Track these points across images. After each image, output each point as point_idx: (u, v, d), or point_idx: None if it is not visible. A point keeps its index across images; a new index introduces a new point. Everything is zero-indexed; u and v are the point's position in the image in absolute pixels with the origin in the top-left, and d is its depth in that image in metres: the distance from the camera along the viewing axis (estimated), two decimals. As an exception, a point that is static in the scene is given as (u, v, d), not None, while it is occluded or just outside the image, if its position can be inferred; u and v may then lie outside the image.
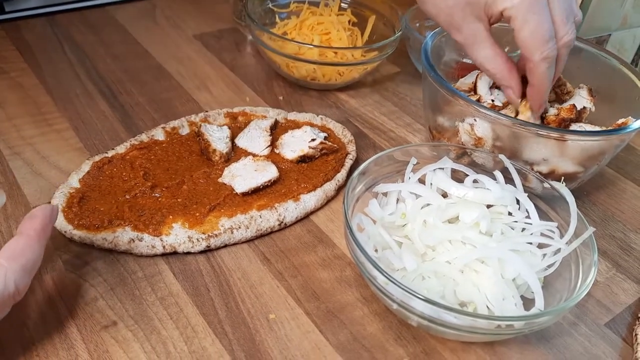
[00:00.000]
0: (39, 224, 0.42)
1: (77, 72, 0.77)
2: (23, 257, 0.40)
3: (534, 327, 0.45)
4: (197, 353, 0.46)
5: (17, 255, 0.40)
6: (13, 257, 0.39)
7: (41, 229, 0.42)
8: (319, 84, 0.78)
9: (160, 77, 0.78)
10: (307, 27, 0.81)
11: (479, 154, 0.59)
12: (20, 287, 0.40)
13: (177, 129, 0.66)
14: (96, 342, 0.46)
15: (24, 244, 0.41)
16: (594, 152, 0.59)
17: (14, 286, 0.39)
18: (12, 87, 0.72)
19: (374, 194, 0.57)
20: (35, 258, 0.41)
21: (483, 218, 0.51)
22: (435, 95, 0.63)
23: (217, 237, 0.54)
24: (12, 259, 0.39)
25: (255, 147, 0.65)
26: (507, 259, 0.49)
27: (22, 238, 0.41)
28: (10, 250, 0.40)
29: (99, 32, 0.86)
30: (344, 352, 0.48)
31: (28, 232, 0.41)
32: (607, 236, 0.63)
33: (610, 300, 0.56)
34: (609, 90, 0.67)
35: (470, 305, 0.48)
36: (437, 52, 0.68)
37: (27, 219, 0.42)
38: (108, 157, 0.60)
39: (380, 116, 0.76)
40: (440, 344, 0.49)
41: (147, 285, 0.51)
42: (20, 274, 0.39)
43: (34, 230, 0.41)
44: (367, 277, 0.47)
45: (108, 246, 0.53)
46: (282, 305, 0.51)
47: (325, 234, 0.58)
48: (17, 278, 0.39)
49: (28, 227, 0.42)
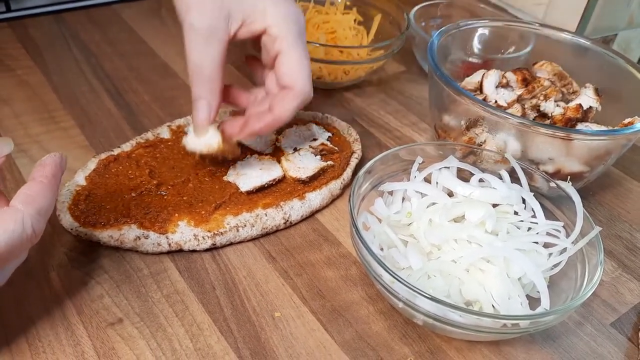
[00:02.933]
0: (49, 171, 0.43)
1: (83, 70, 0.77)
2: (37, 202, 0.41)
3: (539, 326, 0.45)
4: (202, 350, 0.46)
5: (31, 200, 0.41)
6: (28, 202, 0.41)
7: (52, 175, 0.43)
8: (325, 82, 0.78)
9: (165, 75, 0.78)
10: (312, 26, 0.81)
11: (486, 153, 0.58)
12: (37, 230, 0.41)
13: (182, 127, 0.66)
14: (102, 339, 0.46)
15: (37, 189, 0.42)
16: (600, 152, 0.59)
17: (31, 229, 0.40)
18: (18, 84, 0.73)
19: (380, 193, 0.57)
20: (48, 203, 0.42)
21: (489, 217, 0.51)
22: (441, 94, 0.63)
23: (222, 235, 0.54)
24: (28, 204, 0.41)
25: (260, 145, 0.65)
26: (512, 258, 0.49)
27: (35, 184, 0.42)
28: (25, 195, 0.41)
29: (105, 30, 0.86)
30: (349, 351, 0.48)
31: (40, 179, 0.43)
32: (613, 236, 0.63)
33: (616, 300, 0.55)
34: (615, 89, 0.66)
35: (476, 304, 0.48)
36: (443, 51, 0.68)
37: (38, 167, 0.44)
38: (114, 155, 0.61)
39: (386, 115, 0.76)
40: (446, 342, 0.49)
41: (152, 282, 0.51)
42: (36, 217, 0.41)
43: (46, 176, 0.43)
44: (373, 275, 0.47)
45: (114, 244, 0.53)
46: (287, 303, 0.51)
47: (331, 233, 0.58)
48: (33, 221, 0.40)
49: (40, 174, 0.43)
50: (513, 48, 0.78)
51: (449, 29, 0.69)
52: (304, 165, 0.61)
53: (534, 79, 0.65)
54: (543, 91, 0.63)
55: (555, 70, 0.66)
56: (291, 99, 0.53)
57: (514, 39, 0.77)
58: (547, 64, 0.67)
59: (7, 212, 0.40)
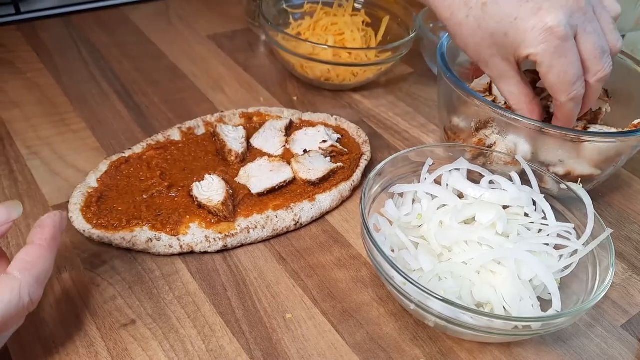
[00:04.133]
0: (49, 233, 0.42)
1: (93, 72, 0.78)
2: (36, 268, 0.40)
3: (550, 328, 0.45)
4: (214, 352, 0.47)
5: (29, 266, 0.40)
6: (26, 269, 0.40)
7: (51, 238, 0.42)
8: (333, 84, 0.79)
9: (174, 77, 0.79)
10: (321, 28, 0.81)
11: (496, 155, 0.59)
12: (34, 298, 0.40)
13: (192, 129, 0.67)
14: (115, 340, 0.46)
15: (35, 254, 0.41)
16: (611, 154, 0.58)
17: (28, 298, 0.39)
18: (28, 87, 0.73)
19: (390, 195, 0.57)
20: (47, 268, 0.41)
21: (499, 219, 0.51)
22: (450, 95, 0.63)
23: (233, 237, 0.55)
24: (26, 271, 0.40)
25: (271, 147, 0.65)
26: (523, 260, 0.49)
27: (33, 248, 0.41)
28: (22, 261, 0.40)
29: (113, 32, 0.87)
30: (360, 352, 0.48)
31: (39, 242, 0.41)
32: (623, 238, 0.63)
33: (626, 301, 0.55)
34: (624, 91, 0.66)
35: (487, 306, 0.48)
36: (452, 53, 0.68)
37: (37, 228, 0.42)
38: (125, 157, 0.61)
39: (395, 117, 0.77)
40: (457, 344, 0.50)
41: (164, 284, 0.51)
42: (34, 286, 0.40)
43: (45, 240, 0.41)
44: (385, 277, 0.47)
45: (126, 245, 0.53)
46: (298, 305, 0.51)
47: (341, 234, 0.58)
48: (30, 290, 0.39)
49: (39, 237, 0.42)
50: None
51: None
52: (313, 167, 0.62)
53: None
54: (552, 93, 0.63)
55: (564, 72, 0.66)
56: None
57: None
58: (556, 66, 0.67)
59: (4, 282, 0.39)
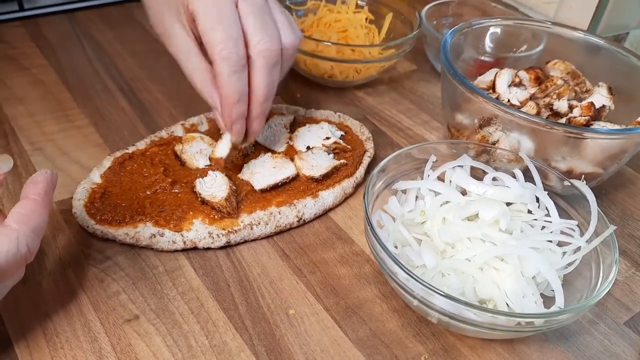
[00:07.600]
0: (42, 189, 0.43)
1: (97, 69, 0.78)
2: (31, 220, 0.41)
3: (553, 325, 0.45)
4: (218, 347, 0.47)
5: (26, 218, 0.41)
6: (23, 221, 0.41)
7: (44, 192, 0.43)
8: (337, 81, 0.79)
9: (177, 74, 0.78)
10: (324, 25, 0.81)
11: (499, 152, 0.59)
12: (32, 248, 0.41)
13: (196, 126, 0.67)
14: (119, 336, 0.47)
15: (30, 207, 0.42)
16: (614, 151, 0.58)
17: (26, 248, 0.40)
18: (33, 83, 0.73)
19: (393, 191, 0.57)
20: (42, 220, 0.42)
21: (503, 216, 0.51)
22: (454, 92, 0.63)
23: (236, 233, 0.55)
24: (22, 223, 0.41)
25: (274, 143, 0.65)
26: (527, 257, 0.49)
27: (28, 202, 0.42)
28: (19, 214, 0.41)
29: (117, 28, 0.87)
30: (363, 348, 0.48)
31: (34, 197, 0.43)
32: (627, 235, 0.63)
33: (629, 299, 0.55)
34: (628, 88, 0.66)
35: (490, 302, 0.48)
36: (456, 50, 0.68)
37: (30, 184, 0.44)
38: (129, 153, 0.61)
39: (398, 114, 0.77)
40: (460, 341, 0.50)
41: (168, 280, 0.51)
42: (31, 236, 0.41)
43: (39, 194, 0.43)
44: (388, 273, 0.47)
45: (130, 241, 0.53)
46: (301, 301, 0.51)
47: (344, 231, 0.58)
48: (28, 240, 0.41)
49: (32, 192, 0.43)
50: (525, 47, 0.78)
51: (462, 27, 0.69)
52: (317, 164, 0.62)
53: (547, 77, 0.65)
54: (556, 90, 0.63)
55: (568, 69, 0.66)
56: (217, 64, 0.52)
57: (526, 37, 0.77)
58: (560, 63, 0.67)
59: (3, 232, 0.40)
